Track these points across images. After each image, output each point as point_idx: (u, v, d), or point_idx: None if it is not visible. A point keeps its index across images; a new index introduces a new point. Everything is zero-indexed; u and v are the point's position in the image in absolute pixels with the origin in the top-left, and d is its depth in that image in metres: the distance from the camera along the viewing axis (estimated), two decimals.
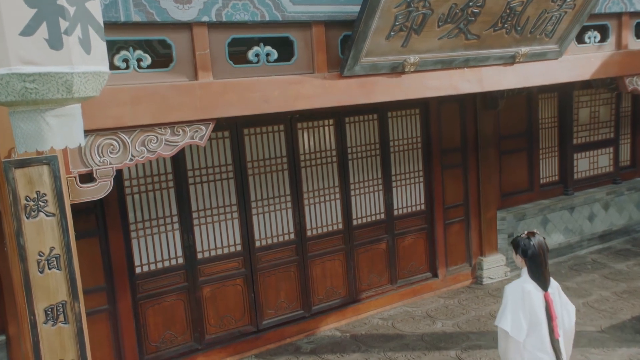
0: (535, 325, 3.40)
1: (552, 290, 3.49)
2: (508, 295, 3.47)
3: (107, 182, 2.90)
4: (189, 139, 3.06)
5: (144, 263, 5.51)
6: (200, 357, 5.78)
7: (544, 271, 3.46)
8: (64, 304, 2.67)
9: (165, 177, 5.55)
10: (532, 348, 3.42)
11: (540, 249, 3.45)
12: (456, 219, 7.48)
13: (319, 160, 6.41)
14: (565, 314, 3.55)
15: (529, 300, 3.38)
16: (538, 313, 3.39)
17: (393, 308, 6.95)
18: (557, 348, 3.43)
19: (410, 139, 7.05)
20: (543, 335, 3.41)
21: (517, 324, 3.34)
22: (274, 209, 6.18)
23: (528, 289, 3.42)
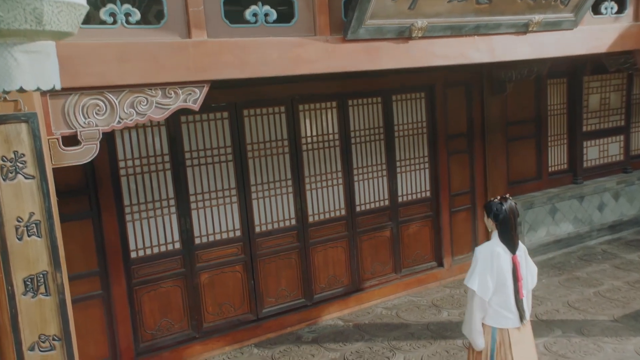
0: (502, 286, 3.59)
1: (520, 253, 3.68)
2: (478, 256, 3.63)
3: (92, 145, 2.70)
4: (182, 102, 2.86)
5: (140, 247, 5.31)
6: (197, 346, 5.58)
7: (513, 235, 3.62)
8: (45, 274, 2.47)
9: (161, 158, 5.34)
10: (497, 306, 3.63)
11: (511, 213, 3.62)
12: (462, 207, 7.27)
13: (321, 144, 6.21)
14: (529, 275, 3.77)
15: (498, 261, 3.56)
16: (505, 274, 3.58)
17: (397, 297, 6.73)
18: (520, 307, 3.64)
19: (415, 124, 6.84)
20: (508, 294, 3.60)
21: (483, 284, 3.54)
22: (274, 194, 5.97)
23: (497, 251, 3.58)
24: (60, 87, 1.77)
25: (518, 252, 3.66)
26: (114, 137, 5.07)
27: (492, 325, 3.68)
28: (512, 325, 3.66)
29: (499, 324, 3.66)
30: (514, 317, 3.66)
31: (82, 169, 4.90)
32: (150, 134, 5.27)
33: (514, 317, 3.66)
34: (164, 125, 5.33)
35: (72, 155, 2.65)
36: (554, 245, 7.88)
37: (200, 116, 5.50)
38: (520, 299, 3.64)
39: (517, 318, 3.67)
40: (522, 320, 3.68)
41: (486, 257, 3.59)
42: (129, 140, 5.16)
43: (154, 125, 5.28)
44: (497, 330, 3.67)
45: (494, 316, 3.65)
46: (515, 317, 3.66)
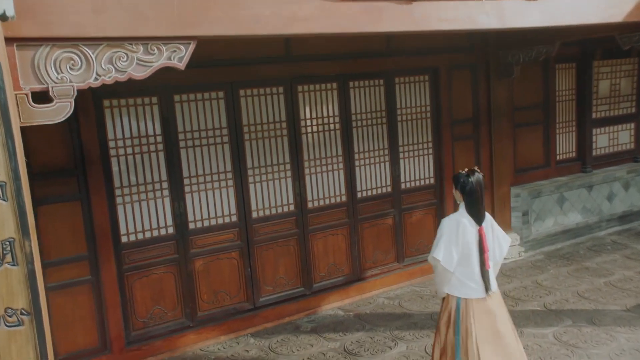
0: (467, 256, 3.62)
1: (486, 224, 3.69)
2: (444, 227, 3.67)
3: (66, 103, 2.47)
4: (166, 60, 2.63)
5: (131, 232, 5.09)
6: (191, 335, 5.35)
7: (479, 207, 3.65)
8: (12, 241, 2.24)
9: (154, 139, 5.12)
10: (462, 277, 3.66)
11: (477, 186, 3.64)
12: None
13: (321, 127, 5.98)
14: (497, 247, 3.78)
15: (463, 232, 3.60)
16: (471, 245, 3.62)
17: (400, 287, 6.50)
18: (486, 278, 3.64)
19: (418, 108, 6.60)
20: (473, 265, 3.63)
21: (448, 254, 3.59)
22: (272, 178, 5.75)
23: (463, 222, 3.62)
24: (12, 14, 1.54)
25: (484, 224, 3.68)
26: (103, 116, 4.86)
27: (457, 295, 3.70)
28: (476, 296, 3.66)
29: (463, 294, 3.68)
30: (478, 288, 3.66)
31: (70, 148, 4.70)
32: (142, 113, 5.05)
33: (478, 288, 3.66)
34: (157, 104, 5.11)
35: (43, 113, 2.43)
36: (562, 235, 7.62)
37: (195, 95, 5.28)
38: (486, 270, 3.65)
39: (482, 289, 3.66)
40: (488, 292, 3.67)
41: (452, 228, 3.63)
42: (120, 119, 4.94)
43: (146, 104, 5.06)
44: (461, 300, 3.69)
45: (459, 286, 3.69)
46: (480, 288, 3.66)
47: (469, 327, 3.65)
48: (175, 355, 5.24)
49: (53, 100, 2.44)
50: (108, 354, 4.96)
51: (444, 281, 3.73)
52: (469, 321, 3.66)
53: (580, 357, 4.62)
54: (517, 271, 6.74)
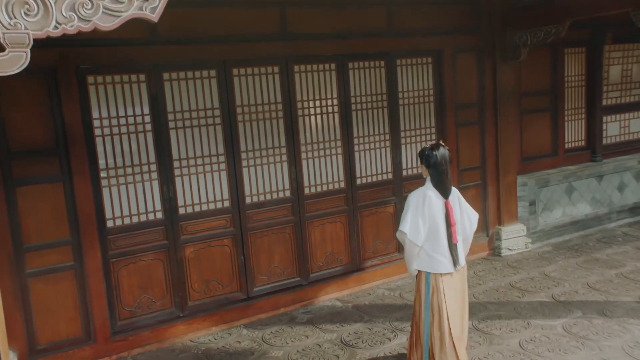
0: (434, 230, 3.63)
1: (453, 198, 3.69)
2: (410, 201, 3.69)
3: (20, 53, 2.22)
4: (136, 10, 2.36)
5: (117, 216, 4.84)
6: (181, 325, 5.11)
7: (445, 180, 3.65)
8: None
9: (141, 118, 4.87)
10: (430, 251, 3.65)
11: (442, 159, 3.64)
12: (472, 183, 6.75)
13: (318, 109, 5.71)
14: (466, 221, 3.79)
15: (429, 206, 3.61)
16: (437, 219, 3.62)
17: (401, 279, 6.23)
18: (454, 252, 3.64)
19: (421, 91, 6.33)
20: (441, 239, 3.63)
21: (415, 228, 3.60)
22: (267, 162, 5.49)
23: (429, 195, 3.63)
24: None
25: (451, 198, 3.68)
26: (87, 93, 4.61)
27: (426, 270, 3.71)
28: (445, 270, 3.66)
29: (432, 268, 3.68)
30: (447, 262, 3.66)
31: (52, 127, 4.46)
32: (129, 91, 4.80)
33: (447, 262, 3.66)
34: (145, 82, 4.86)
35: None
36: (570, 226, 7.33)
37: (185, 74, 5.03)
38: (453, 244, 3.65)
39: (451, 263, 3.66)
40: (456, 266, 3.67)
41: (418, 201, 3.65)
42: (105, 98, 4.70)
43: (134, 82, 4.82)
44: (430, 275, 3.69)
45: (428, 261, 3.69)
46: (449, 262, 3.66)
47: (440, 303, 3.67)
48: (163, 347, 4.99)
49: (5, 49, 2.19)
50: (92, 344, 4.72)
51: (412, 256, 3.74)
52: (440, 297, 3.67)
53: (591, 349, 4.35)
54: (523, 263, 6.46)
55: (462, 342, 3.74)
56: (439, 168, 3.64)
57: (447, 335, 3.67)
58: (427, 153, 3.69)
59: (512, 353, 4.37)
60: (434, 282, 3.68)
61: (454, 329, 3.67)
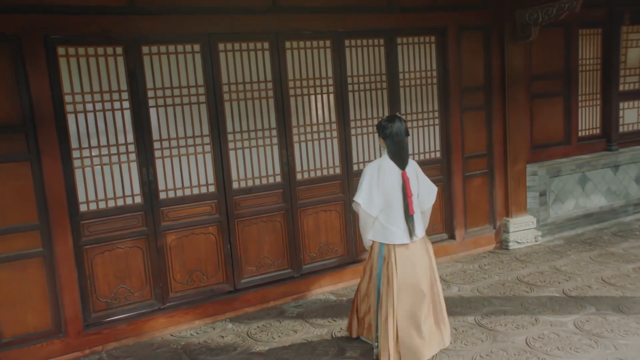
0: (390, 201, 3.66)
1: (410, 170, 3.72)
2: (366, 172, 3.70)
3: None
4: None
5: (91, 200, 4.50)
6: (161, 319, 4.76)
7: (401, 151, 3.69)
8: None
9: (118, 95, 4.53)
10: (385, 222, 3.68)
11: (398, 130, 3.68)
12: (478, 172, 6.33)
13: (312, 89, 5.34)
14: (425, 195, 3.83)
15: (384, 176, 3.64)
16: (393, 190, 3.65)
17: None
18: (410, 223, 3.66)
19: (423, 72, 5.93)
20: (397, 210, 3.65)
21: (369, 198, 3.63)
22: (255, 145, 5.13)
23: (385, 166, 3.67)
24: None
25: (408, 169, 3.69)
26: (58, 66, 4.27)
27: (380, 240, 3.71)
28: (399, 241, 3.65)
29: (385, 239, 3.68)
30: (402, 233, 3.65)
31: (17, 102, 4.12)
32: (105, 65, 4.46)
33: (402, 233, 3.65)
34: (122, 55, 4.52)
35: None
36: (583, 219, 6.89)
37: (167, 48, 4.68)
38: (410, 215, 3.64)
39: (406, 234, 3.66)
40: (412, 237, 3.66)
41: (373, 172, 3.66)
42: (78, 71, 4.36)
43: (109, 54, 4.47)
44: (384, 246, 3.70)
45: (382, 231, 3.69)
46: (404, 233, 3.65)
47: (390, 274, 3.65)
48: (141, 341, 4.65)
49: None
50: (63, 338, 4.38)
51: (367, 227, 3.74)
52: (391, 268, 3.64)
53: (605, 347, 3.93)
54: (532, 256, 6.04)
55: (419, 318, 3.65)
56: (394, 139, 3.67)
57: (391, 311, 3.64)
58: (382, 124, 3.74)
59: (518, 351, 3.96)
60: (387, 253, 3.69)
61: (398, 302, 3.63)
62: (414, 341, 3.64)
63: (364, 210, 3.68)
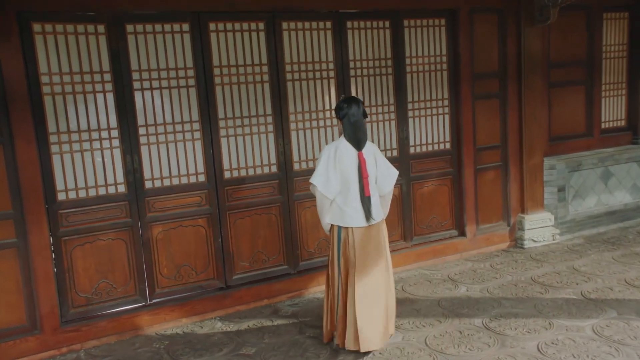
0: (346, 183, 3.62)
1: (367, 152, 3.67)
2: (323, 153, 3.67)
3: None
4: None
5: (70, 188, 4.22)
6: (146, 316, 4.46)
7: (357, 132, 3.64)
8: None
9: (100, 76, 4.24)
10: (342, 204, 3.63)
11: (354, 112, 3.64)
12: (491, 165, 5.92)
13: (310, 73, 5.00)
14: (384, 178, 3.76)
15: (341, 158, 3.60)
16: (349, 171, 3.61)
17: (406, 270, 5.46)
18: (366, 205, 3.60)
19: (433, 58, 5.55)
20: (352, 192, 3.61)
21: (325, 180, 3.59)
22: (249, 132, 4.80)
23: (342, 147, 3.63)
24: None
25: (365, 151, 3.65)
26: (33, 44, 4.00)
27: (338, 223, 3.67)
28: (356, 224, 3.61)
29: (343, 222, 3.64)
30: (358, 216, 3.61)
31: None
32: (86, 43, 4.18)
33: (358, 216, 3.61)
34: (104, 34, 4.23)
35: None
36: (606, 217, 6.43)
37: (153, 27, 4.39)
38: (365, 197, 3.61)
39: (363, 217, 3.61)
40: (369, 220, 3.61)
41: (329, 154, 3.62)
42: (56, 50, 4.08)
43: (90, 32, 4.19)
44: (342, 229, 3.65)
45: (339, 214, 3.65)
46: (360, 216, 3.61)
47: (349, 257, 3.63)
48: (124, 339, 4.36)
49: None
50: (38, 335, 4.10)
51: (324, 209, 3.70)
52: (350, 251, 3.61)
53: (627, 356, 3.51)
54: (549, 256, 5.61)
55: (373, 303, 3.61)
56: (350, 119, 3.63)
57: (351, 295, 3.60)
58: (339, 105, 3.69)
59: (528, 358, 3.56)
60: (345, 236, 3.64)
61: (358, 285, 3.57)
62: (370, 327, 3.60)
63: (320, 193, 3.62)
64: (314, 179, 3.63)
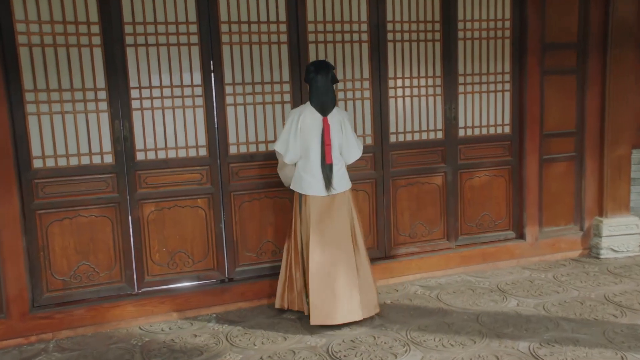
0: (307, 149, 3.54)
1: (333, 119, 3.55)
2: (288, 117, 3.59)
3: None
4: None
5: (48, 155, 3.70)
6: (130, 306, 3.88)
7: (322, 97, 3.52)
8: None
9: (86, 27, 3.69)
10: (301, 170, 3.57)
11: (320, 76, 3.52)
12: (561, 155, 4.89)
13: (338, 35, 4.23)
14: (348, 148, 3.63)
15: (303, 122, 3.52)
16: (311, 137, 3.52)
17: (446, 275, 4.57)
18: (326, 173, 3.52)
19: (492, 22, 4.62)
20: (313, 159, 3.53)
21: (286, 146, 3.53)
22: (261, 101, 4.11)
23: (305, 113, 3.54)
24: None
25: (330, 117, 3.55)
26: None
27: (297, 190, 3.59)
28: (314, 193, 3.53)
29: (302, 189, 3.56)
30: (317, 185, 3.53)
31: None
32: None
33: (317, 185, 3.53)
34: None
35: None
36: None
37: None
38: (326, 164, 3.52)
39: (322, 185, 3.52)
40: (329, 190, 3.52)
41: (293, 118, 3.54)
42: None
43: None
44: (302, 196, 3.57)
45: (299, 181, 3.58)
46: (319, 185, 3.53)
47: (306, 227, 3.55)
48: (102, 332, 3.80)
49: None
50: (3, 319, 3.61)
51: (286, 175, 3.72)
52: (308, 220, 3.52)
53: None
54: (632, 270, 4.52)
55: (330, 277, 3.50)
56: (317, 83, 3.52)
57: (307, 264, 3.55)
58: (307, 68, 3.61)
59: None
60: (304, 204, 3.56)
61: (312, 256, 3.49)
62: (325, 301, 3.49)
63: (281, 157, 3.59)
64: (275, 144, 3.59)
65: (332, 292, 3.51)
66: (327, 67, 3.56)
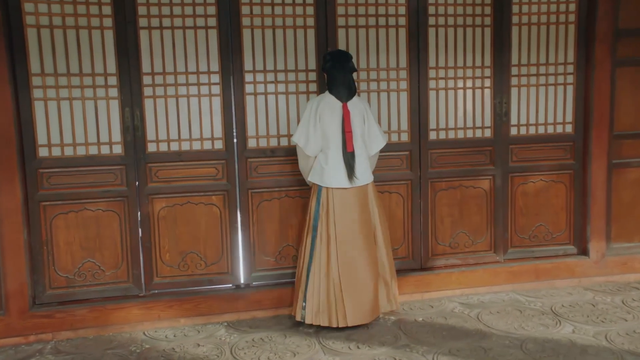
0: (327, 139, 3.37)
1: (354, 106, 3.39)
2: (306, 107, 3.43)
3: None
4: None
5: (54, 143, 3.49)
6: (137, 309, 3.60)
7: (339, 85, 3.37)
8: None
9: (97, 8, 3.47)
10: (322, 162, 3.39)
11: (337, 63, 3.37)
12: (636, 160, 4.22)
13: (371, 19, 3.81)
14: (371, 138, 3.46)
15: (322, 111, 3.36)
16: (331, 125, 3.35)
17: (490, 292, 4.00)
18: (348, 162, 3.35)
19: (554, 5, 4.06)
20: (334, 149, 3.37)
21: (306, 137, 3.36)
22: (284, 91, 3.75)
23: (325, 101, 3.38)
24: None
25: (351, 104, 3.36)
26: None
27: (317, 182, 3.38)
28: (337, 185, 3.33)
29: (322, 182, 3.35)
30: (340, 176, 3.33)
31: None
32: None
33: (340, 176, 3.33)
34: None
35: None
36: None
37: None
38: (347, 152, 3.33)
39: (345, 176, 3.33)
40: (351, 180, 3.32)
41: (312, 107, 3.38)
42: None
43: None
44: (322, 189, 3.37)
45: (320, 173, 3.38)
46: (342, 176, 3.33)
47: (328, 224, 3.34)
48: (103, 335, 3.53)
49: None
50: (1, 316, 3.41)
51: (305, 167, 3.50)
52: (328, 214, 3.34)
53: None
54: None
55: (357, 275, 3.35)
56: (334, 70, 3.36)
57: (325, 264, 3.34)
58: (324, 57, 3.46)
59: None
60: (324, 198, 3.36)
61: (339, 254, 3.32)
62: (346, 301, 3.31)
63: (300, 149, 3.39)
64: (294, 137, 3.40)
65: (357, 291, 3.36)
66: (345, 56, 3.40)
